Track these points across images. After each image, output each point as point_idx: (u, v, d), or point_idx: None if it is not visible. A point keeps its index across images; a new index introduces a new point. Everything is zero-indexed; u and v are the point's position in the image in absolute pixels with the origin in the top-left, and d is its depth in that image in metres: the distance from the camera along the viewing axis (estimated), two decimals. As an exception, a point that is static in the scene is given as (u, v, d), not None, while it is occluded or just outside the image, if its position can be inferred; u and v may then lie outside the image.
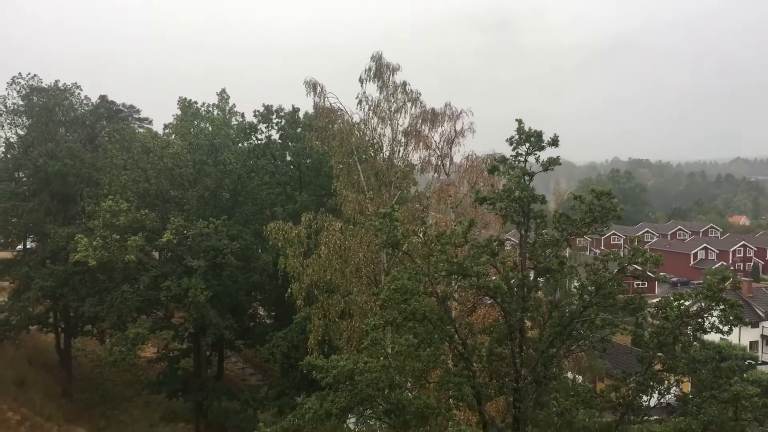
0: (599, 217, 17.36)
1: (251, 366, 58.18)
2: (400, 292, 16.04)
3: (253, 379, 55.16)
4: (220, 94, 58.64)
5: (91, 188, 43.15)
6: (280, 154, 47.33)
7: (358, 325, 26.02)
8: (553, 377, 17.90)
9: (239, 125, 53.33)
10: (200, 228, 37.12)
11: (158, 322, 41.55)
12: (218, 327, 38.11)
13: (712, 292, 16.60)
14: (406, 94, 29.20)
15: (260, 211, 44.27)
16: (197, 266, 36.78)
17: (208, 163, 41.89)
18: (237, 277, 40.94)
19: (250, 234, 41.64)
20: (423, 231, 18.76)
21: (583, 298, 17.25)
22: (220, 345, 46.47)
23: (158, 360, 45.07)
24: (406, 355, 17.32)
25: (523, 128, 17.67)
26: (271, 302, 45.50)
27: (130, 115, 68.23)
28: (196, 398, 41.86)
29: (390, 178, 29.13)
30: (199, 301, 36.05)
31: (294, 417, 16.79)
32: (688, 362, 16.87)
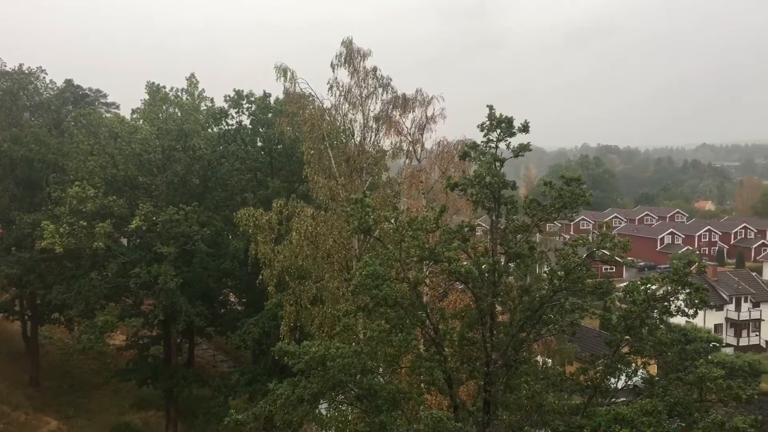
0: (569, 203, 17.54)
1: (222, 353, 57.94)
2: (371, 277, 16.06)
3: (224, 365, 54.97)
4: (189, 78, 57.89)
5: (57, 174, 42.37)
6: (250, 139, 46.92)
7: (330, 311, 26.03)
8: (524, 361, 18.12)
9: (209, 110, 52.74)
10: (170, 214, 36.72)
11: (127, 310, 41.13)
12: (189, 314, 37.84)
13: (678, 276, 16.92)
14: (377, 79, 29.09)
15: (231, 197, 43.90)
16: (167, 253, 36.42)
17: (177, 149, 41.37)
18: (207, 263, 40.64)
19: (221, 220, 41.31)
20: (395, 217, 18.75)
21: (552, 283, 17.46)
22: (191, 332, 46.17)
23: (128, 347, 44.66)
24: (378, 340, 17.40)
25: (494, 114, 17.74)
26: (242, 289, 45.25)
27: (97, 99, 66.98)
28: (167, 385, 41.61)
29: (361, 164, 29.07)
30: (169, 287, 35.74)
31: (266, 403, 16.79)
32: (654, 345, 17.21)
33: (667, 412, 15.71)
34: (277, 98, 44.89)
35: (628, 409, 15.47)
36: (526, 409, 17.05)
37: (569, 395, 18.33)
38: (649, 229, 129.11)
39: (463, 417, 17.28)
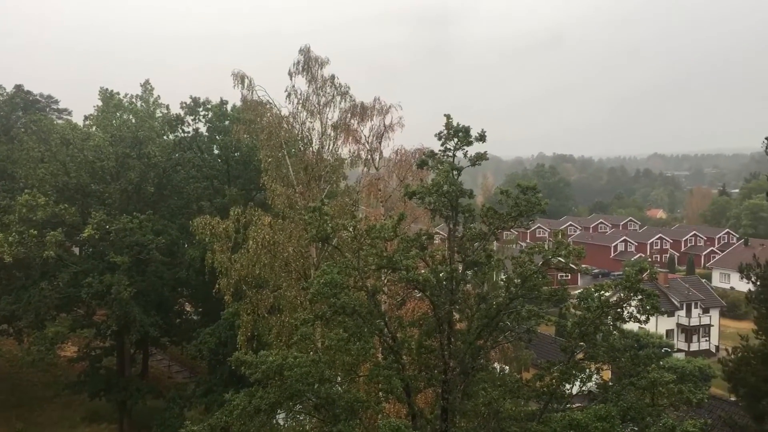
0: (525, 211, 17.76)
1: (178, 363, 56.99)
2: (329, 286, 16.00)
3: (179, 376, 54.07)
4: (144, 85, 57.01)
5: (6, 182, 41.30)
6: (207, 147, 46.44)
7: (288, 320, 25.85)
8: (481, 368, 18.23)
9: (164, 117, 52.01)
10: (123, 223, 36.09)
11: (79, 320, 40.26)
12: (143, 324, 37.20)
13: (631, 283, 17.24)
14: (335, 87, 29.11)
15: (187, 205, 43.35)
16: (121, 262, 35.77)
17: (131, 156, 40.70)
18: (162, 272, 40.01)
19: (176, 229, 40.76)
20: (353, 225, 18.74)
21: (509, 291, 17.63)
22: (145, 342, 45.38)
23: (79, 359, 43.58)
24: (336, 349, 17.31)
25: (452, 123, 17.89)
26: (199, 298, 44.68)
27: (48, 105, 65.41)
28: (120, 398, 40.77)
29: (319, 172, 29.00)
30: (122, 297, 35.09)
31: (222, 414, 16.57)
32: (608, 351, 17.47)
33: (621, 417, 15.96)
34: (234, 105, 44.57)
35: (582, 414, 15.69)
36: (484, 416, 17.16)
37: (526, 402, 18.51)
38: (603, 237, 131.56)
39: (421, 425, 17.32)
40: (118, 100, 54.01)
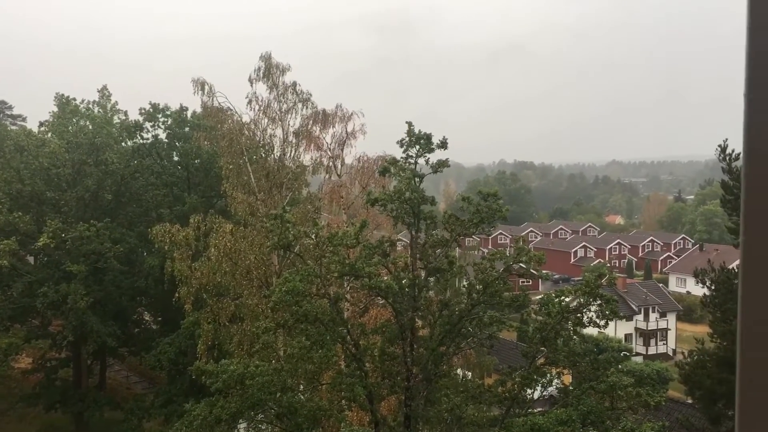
0: (486, 218, 17.91)
1: (137, 374, 55.91)
2: (291, 294, 15.88)
3: (138, 387, 53.04)
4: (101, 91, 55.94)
5: (-43, 189, 40.07)
6: (166, 154, 45.77)
7: (250, 328, 25.54)
8: (444, 374, 18.27)
9: (122, 123, 51.12)
10: (80, 231, 35.34)
11: (34, 331, 39.25)
12: (100, 334, 36.44)
13: (590, 289, 17.47)
14: (296, 94, 29.00)
15: (146, 213, 42.64)
16: (77, 271, 35.01)
17: (88, 163, 39.93)
18: (120, 281, 39.27)
19: (135, 237, 40.05)
20: (315, 232, 18.64)
21: (471, 297, 17.73)
22: (102, 353, 44.39)
23: (34, 371, 42.46)
24: (298, 357, 17.19)
25: (413, 131, 17.96)
26: (158, 307, 43.93)
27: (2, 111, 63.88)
28: (76, 410, 39.86)
29: (281, 179, 28.81)
30: (79, 307, 34.34)
31: (182, 425, 16.30)
32: (568, 355, 17.67)
33: (581, 421, 16.14)
34: (194, 112, 44.05)
35: (543, 419, 15.82)
36: (447, 422, 17.18)
37: (488, 407, 18.59)
38: (563, 243, 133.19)
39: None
40: (74, 106, 52.89)
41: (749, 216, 0.96)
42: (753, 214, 0.96)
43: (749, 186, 0.96)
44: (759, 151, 0.95)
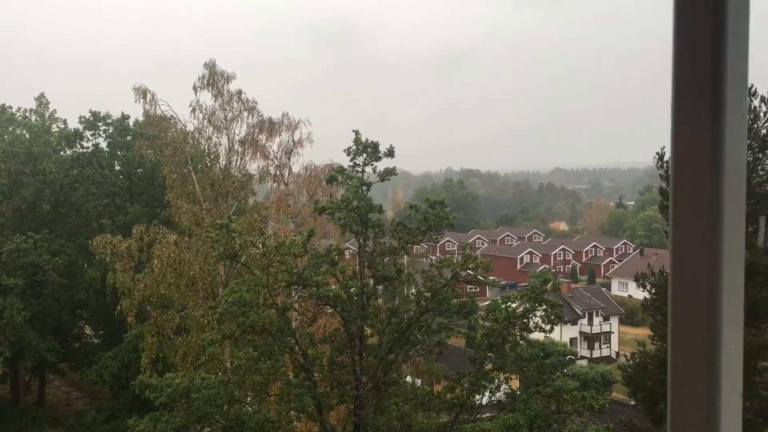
0: (434, 226, 18.04)
1: (78, 389, 54.24)
2: (238, 304, 15.66)
3: (79, 403, 51.44)
4: (38, 98, 54.32)
5: None
6: (108, 163, 44.70)
7: (195, 340, 25.09)
8: (393, 382, 18.28)
9: (62, 132, 49.71)
10: (17, 243, 34.20)
11: (-33, 348, 37.66)
12: (38, 350, 35.26)
13: (536, 294, 17.75)
14: (242, 102, 28.70)
15: (86, 223, 41.52)
16: (13, 285, 33.86)
17: (25, 173, 38.74)
18: (60, 295, 38.10)
19: (75, 248, 38.98)
20: (262, 242, 18.45)
21: (420, 304, 17.80)
22: (41, 369, 42.94)
23: (-32, 390, 40.88)
24: (245, 369, 16.94)
25: (360, 139, 18.00)
26: (99, 321, 42.75)
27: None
28: (14, 428, 38.39)
29: (227, 189, 28.43)
30: (16, 322, 33.18)
31: (125, 441, 15.88)
32: (515, 361, 17.89)
33: (528, 426, 16.35)
34: (136, 120, 43.16)
35: (491, 424, 15.97)
36: (396, 430, 17.18)
37: (437, 414, 18.68)
38: (509, 249, 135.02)
39: (333, 443, 17.14)
40: (10, 114, 51.20)
41: (677, 224, 0.97)
42: (680, 223, 0.97)
43: (676, 195, 0.97)
44: (684, 160, 0.96)
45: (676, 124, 0.97)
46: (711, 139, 0.94)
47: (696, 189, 0.95)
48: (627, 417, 26.51)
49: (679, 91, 0.96)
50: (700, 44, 0.94)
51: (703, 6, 0.94)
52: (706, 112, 0.94)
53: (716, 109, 0.93)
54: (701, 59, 0.94)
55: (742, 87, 0.95)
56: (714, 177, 0.93)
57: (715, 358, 0.94)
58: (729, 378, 0.95)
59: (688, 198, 0.96)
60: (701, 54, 0.94)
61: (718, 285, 0.94)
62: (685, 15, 0.96)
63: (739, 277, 0.97)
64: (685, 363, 0.97)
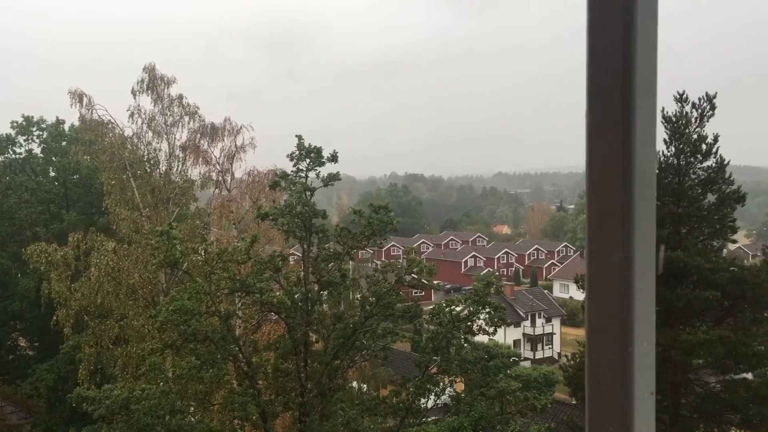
0: (378, 230, 18.10)
1: (12, 403, 52.30)
2: (179, 312, 15.38)
3: (13, 417, 49.61)
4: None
5: None
6: (42, 169, 43.29)
7: (135, 350, 24.51)
8: (339, 388, 18.24)
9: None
10: (-55, 253, 32.78)
11: None
12: (-31, 364, 33.87)
13: (479, 297, 17.99)
14: (183, 107, 28.21)
15: (19, 232, 40.10)
16: (-58, 296, 32.42)
17: (-47, 180, 37.19)
18: (-8, 306, 36.70)
19: (8, 257, 37.64)
20: (204, 248, 18.18)
21: (364, 309, 17.82)
22: (-27, 384, 41.29)
23: None
24: (187, 378, 16.65)
25: (303, 144, 17.93)
26: (34, 332, 41.32)
27: None
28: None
29: (168, 195, 27.89)
30: (-56, 335, 31.79)
31: (62, 456, 15.40)
32: (460, 364, 18.09)
33: (472, 428, 16.54)
34: (72, 125, 41.94)
35: (436, 427, 16.10)
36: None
37: (383, 418, 18.70)
38: (454, 253, 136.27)
39: (278, 451, 16.98)
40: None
41: (591, 228, 1.01)
42: (594, 226, 1.01)
43: (591, 200, 1.01)
44: (597, 166, 1.00)
45: (589, 132, 1.01)
46: (622, 146, 0.98)
47: (608, 194, 0.99)
48: (568, 416, 27.07)
49: (592, 100, 1.01)
50: (610, 55, 0.98)
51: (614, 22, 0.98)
52: (616, 121, 0.98)
53: (626, 118, 0.98)
54: (612, 70, 0.98)
55: (651, 97, 1.00)
56: (625, 183, 0.98)
57: (628, 356, 0.99)
58: (642, 375, 1.00)
59: (601, 203, 1.00)
60: (612, 65, 0.99)
61: (630, 286, 0.98)
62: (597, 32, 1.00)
63: (650, 277, 1.01)
64: (600, 361, 1.01)
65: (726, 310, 21.93)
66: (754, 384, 21.00)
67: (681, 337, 19.92)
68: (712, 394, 21.95)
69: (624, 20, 0.97)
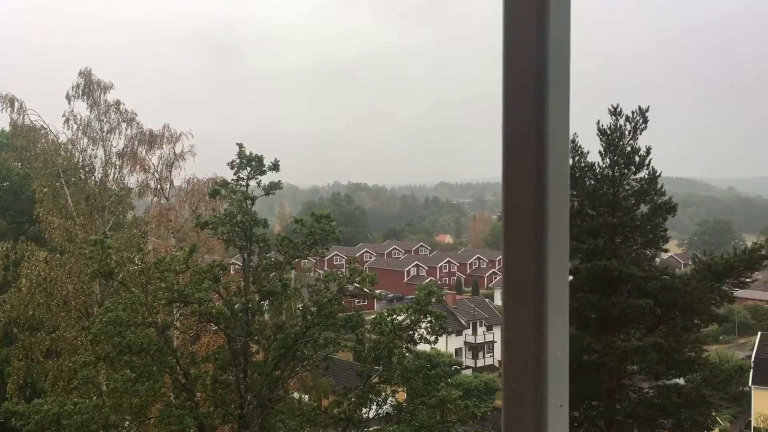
0: (320, 240, 18.04)
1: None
2: (113, 324, 14.98)
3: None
4: None
5: None
6: (-30, 176, 41.58)
7: (67, 363, 23.71)
8: (279, 399, 18.06)
9: None
10: None
11: None
12: None
13: (421, 306, 18.11)
14: (120, 113, 27.58)
15: (-56, 241, 38.38)
16: None
17: None
18: None
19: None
20: (140, 258, 17.76)
21: (306, 319, 17.71)
22: None
23: None
24: (122, 391, 16.21)
25: (244, 152, 17.75)
26: (-40, 345, 39.57)
27: None
28: None
29: (103, 203, 27.15)
30: None
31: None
32: (402, 373, 18.15)
33: (413, 436, 16.59)
34: (2, 130, 40.46)
35: (378, 437, 16.08)
36: (282, 448, 16.96)
37: (324, 429, 18.58)
38: (396, 262, 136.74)
39: (217, 464, 16.67)
40: None
41: (507, 239, 1.03)
42: (510, 238, 1.03)
43: (507, 211, 1.03)
44: (512, 180, 1.02)
45: (505, 145, 1.03)
46: (535, 162, 1.00)
47: (522, 207, 1.01)
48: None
49: (507, 115, 1.02)
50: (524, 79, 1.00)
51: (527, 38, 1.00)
52: (530, 138, 1.00)
53: (540, 135, 1.00)
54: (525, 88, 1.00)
55: (563, 114, 1.02)
56: (538, 196, 1.00)
57: (542, 364, 1.00)
58: (555, 383, 1.01)
59: (516, 216, 1.02)
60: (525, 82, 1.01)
61: (544, 295, 1.00)
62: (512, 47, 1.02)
63: (563, 287, 1.03)
64: (516, 368, 1.02)
65: (658, 317, 22.62)
66: (685, 389, 21.68)
67: (616, 344, 20.43)
68: (645, 399, 22.54)
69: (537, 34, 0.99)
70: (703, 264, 22.09)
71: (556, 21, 0.98)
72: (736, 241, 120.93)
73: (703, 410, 21.57)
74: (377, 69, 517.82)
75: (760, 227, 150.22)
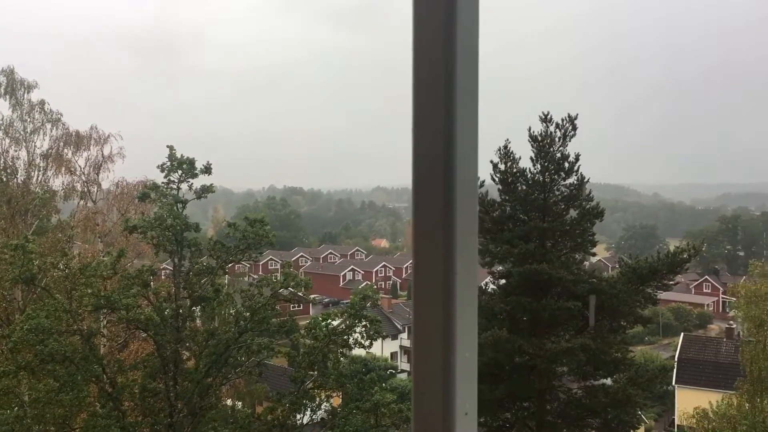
0: (253, 244, 17.82)
1: None
2: (35, 331, 14.42)
3: None
4: None
5: None
6: None
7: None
8: (211, 407, 17.70)
9: None
10: None
11: None
12: None
13: (356, 311, 18.10)
14: (45, 114, 26.64)
15: None
16: None
17: None
18: None
19: None
20: (65, 263, 17.13)
21: (238, 325, 17.45)
22: None
23: None
24: (45, 401, 15.62)
25: (175, 155, 17.38)
26: None
27: None
28: None
29: (26, 206, 26.14)
30: None
31: None
32: (337, 378, 18.09)
33: (347, 441, 16.56)
34: None
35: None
36: (214, 457, 16.64)
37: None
38: (332, 267, 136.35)
39: (145, 475, 16.23)
40: None
41: (417, 240, 1.03)
42: (419, 239, 1.03)
43: (416, 212, 1.03)
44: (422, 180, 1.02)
45: (414, 151, 1.02)
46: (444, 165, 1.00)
47: (431, 208, 1.01)
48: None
49: (417, 117, 1.02)
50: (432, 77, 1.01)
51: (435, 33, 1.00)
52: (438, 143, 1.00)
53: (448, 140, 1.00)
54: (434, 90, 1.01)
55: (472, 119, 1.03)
56: (447, 197, 1.00)
57: (450, 366, 1.00)
58: (463, 385, 1.02)
59: (425, 217, 1.01)
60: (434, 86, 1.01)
61: (452, 297, 1.00)
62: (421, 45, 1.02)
63: (472, 289, 1.04)
64: (425, 370, 1.02)
65: (586, 319, 23.24)
66: (612, 389, 22.31)
67: (546, 346, 20.88)
68: (574, 399, 23.10)
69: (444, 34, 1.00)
70: (629, 267, 22.81)
71: (463, 21, 0.99)
72: (660, 245, 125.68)
73: (629, 409, 22.26)
74: (314, 72, 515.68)
75: (682, 232, 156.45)
